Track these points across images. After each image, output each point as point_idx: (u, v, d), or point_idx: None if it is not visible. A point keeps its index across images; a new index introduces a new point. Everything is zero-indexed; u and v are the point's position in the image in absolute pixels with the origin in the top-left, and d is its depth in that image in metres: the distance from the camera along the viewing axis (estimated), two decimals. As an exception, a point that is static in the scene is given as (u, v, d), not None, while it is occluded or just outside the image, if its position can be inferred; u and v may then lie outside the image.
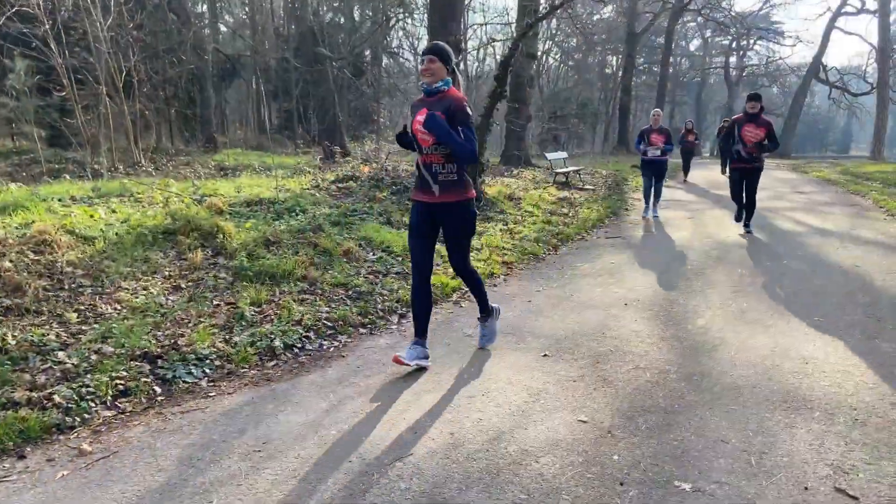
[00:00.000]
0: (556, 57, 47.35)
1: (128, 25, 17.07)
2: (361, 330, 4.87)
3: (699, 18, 51.81)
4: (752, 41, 53.65)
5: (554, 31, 45.22)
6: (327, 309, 5.02)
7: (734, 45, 53.02)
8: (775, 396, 3.67)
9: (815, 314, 5.33)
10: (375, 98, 30.48)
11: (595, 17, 47.99)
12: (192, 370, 3.80)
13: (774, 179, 20.24)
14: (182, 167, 17.54)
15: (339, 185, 10.75)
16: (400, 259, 6.79)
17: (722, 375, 3.99)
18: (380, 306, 5.29)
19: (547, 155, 17.03)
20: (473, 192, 4.04)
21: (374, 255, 6.73)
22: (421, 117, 3.80)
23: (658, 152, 10.90)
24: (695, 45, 61.65)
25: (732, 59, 56.32)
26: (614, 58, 50.95)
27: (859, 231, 9.75)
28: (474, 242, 7.93)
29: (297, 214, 7.72)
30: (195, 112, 24.93)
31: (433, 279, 5.78)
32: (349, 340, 4.67)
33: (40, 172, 14.03)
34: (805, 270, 7.02)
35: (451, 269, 6.31)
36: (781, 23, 64.38)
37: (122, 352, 3.84)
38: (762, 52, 55.26)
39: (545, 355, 4.37)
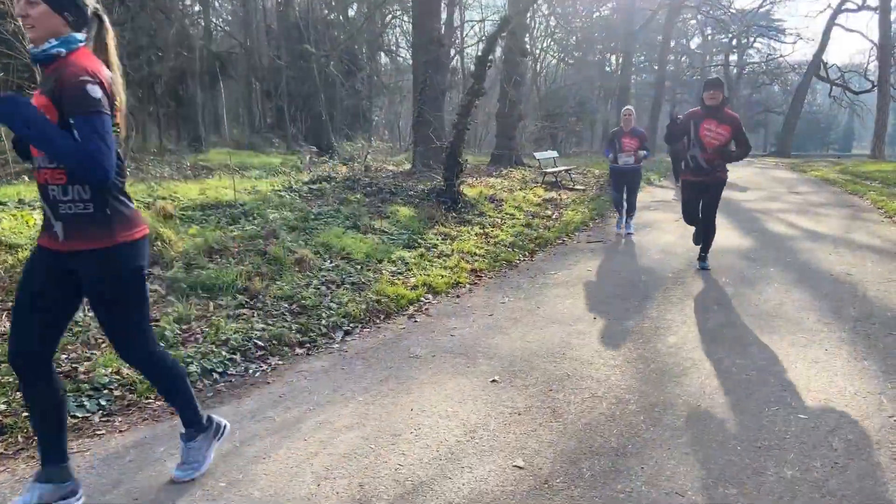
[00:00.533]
0: (556, 55, 46.88)
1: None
2: (298, 350, 4.42)
3: (699, 16, 51.48)
4: (752, 39, 53.19)
5: (553, 29, 44.89)
6: (263, 326, 4.57)
7: (734, 42, 52.49)
8: (745, 434, 3.22)
9: (800, 330, 4.88)
10: (368, 96, 30.05)
11: (595, 15, 47.68)
12: (85, 402, 3.35)
13: (771, 179, 19.79)
14: (160, 167, 17.09)
15: (312, 186, 10.31)
16: (359, 267, 6.35)
17: (687, 407, 3.54)
18: (324, 322, 4.84)
19: (535, 154, 16.57)
20: (136, 231, 2.46)
21: (330, 262, 6.28)
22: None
23: (631, 160, 9.13)
24: (696, 42, 61.19)
25: (733, 58, 55.85)
26: (614, 56, 50.50)
27: (854, 235, 9.29)
28: (443, 247, 7.51)
29: (254, 219, 7.27)
30: (180, 111, 24.48)
31: (391, 289, 5.36)
32: (281, 363, 4.22)
33: (9, 174, 13.57)
34: (793, 279, 6.56)
35: (409, 282, 5.91)
36: (783, 20, 64.02)
37: (8, 380, 3.39)
38: (763, 49, 54.81)
39: (494, 380, 3.92)
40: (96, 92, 2.22)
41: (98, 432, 3.19)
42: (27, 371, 2.39)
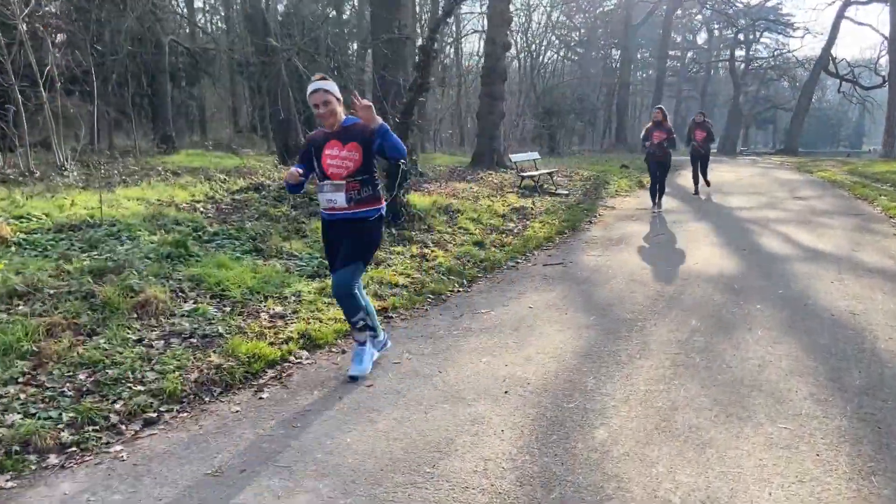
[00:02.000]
0: (556, 51, 45.41)
1: (50, 13, 15.34)
2: (54, 459, 3.08)
3: (705, 11, 49.91)
4: (758, 33, 51.57)
5: (554, 24, 43.43)
6: (18, 419, 3.23)
7: (740, 36, 50.84)
8: None
9: (784, 415, 3.52)
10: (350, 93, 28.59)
11: (598, 11, 46.17)
12: None
13: (773, 181, 18.35)
14: (109, 172, 15.79)
15: (239, 196, 8.97)
16: (228, 310, 5.01)
17: None
18: (120, 405, 3.49)
19: (512, 156, 15.18)
20: None
21: (192, 304, 4.93)
22: None
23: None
24: (703, 38, 59.52)
25: (741, 53, 54.20)
26: (618, 52, 48.93)
27: (862, 253, 7.89)
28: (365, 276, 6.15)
29: (122, 243, 5.94)
30: (148, 110, 23.24)
31: (247, 346, 4.04)
32: (12, 485, 2.87)
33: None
34: (783, 322, 5.18)
35: (286, 331, 4.57)
36: (791, 15, 62.28)
37: None
38: (770, 44, 53.17)
39: (306, 524, 2.57)
40: None
41: None
42: None
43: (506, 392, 3.85)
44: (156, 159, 20.05)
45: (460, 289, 6.40)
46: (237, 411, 3.61)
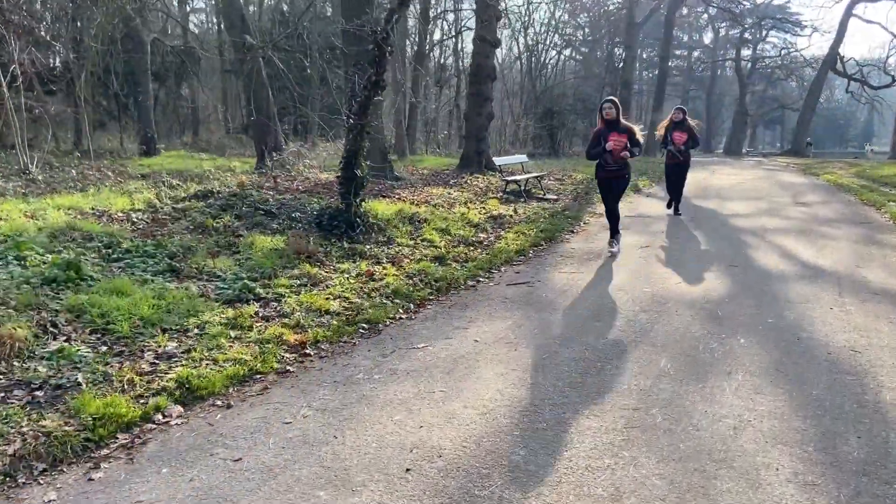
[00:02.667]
0: (558, 49, 44.50)
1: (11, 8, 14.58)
2: None
3: (711, 9, 48.92)
4: (765, 32, 50.57)
5: (557, 22, 42.53)
6: None
7: (746, 35, 49.82)
8: None
9: (756, 511, 2.68)
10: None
11: (602, 10, 45.22)
12: None
13: (776, 185, 17.44)
14: (73, 176, 15.05)
15: (180, 205, 8.18)
16: (105, 349, 4.20)
17: None
18: None
19: (496, 159, 14.34)
20: None
21: (55, 343, 4.12)
22: None
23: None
24: (709, 37, 58.47)
25: (747, 52, 53.16)
26: (622, 51, 47.96)
27: (867, 271, 7.03)
28: (292, 300, 5.38)
29: (6, 265, 5.14)
30: (130, 110, 22.53)
31: (97, 404, 3.23)
32: None
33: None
34: (768, 365, 4.34)
35: (164, 378, 3.75)
36: (799, 14, 61.16)
37: None
38: (777, 43, 52.14)
39: None
40: None
41: None
42: None
43: (407, 470, 3.03)
44: (133, 161, 19.36)
45: (403, 315, 5.58)
46: (51, 501, 2.80)
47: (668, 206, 11.75)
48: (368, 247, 7.50)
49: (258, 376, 4.14)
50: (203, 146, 27.49)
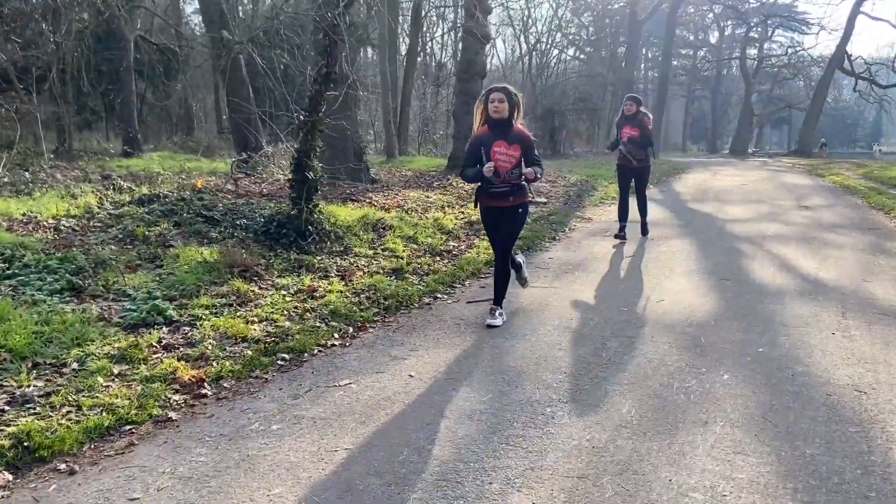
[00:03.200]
0: (563, 50, 43.72)
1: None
2: None
3: (716, 8, 48.03)
4: (770, 31, 49.67)
5: (561, 21, 41.73)
6: None
7: (752, 33, 48.91)
8: None
9: None
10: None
11: (607, 7, 44.38)
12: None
13: (779, 187, 16.63)
14: (40, 178, 14.36)
15: (120, 210, 7.46)
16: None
17: None
18: None
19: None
20: None
21: None
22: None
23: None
24: (716, 36, 57.51)
25: (753, 51, 52.24)
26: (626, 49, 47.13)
27: (875, 285, 6.25)
28: (208, 324, 4.65)
29: None
30: (116, 110, 21.89)
31: None
32: None
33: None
34: (754, 410, 3.58)
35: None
36: (806, 12, 60.13)
37: None
38: (784, 42, 51.23)
39: None
40: None
41: None
42: None
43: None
44: (111, 162, 18.66)
45: (337, 341, 4.83)
46: None
47: (619, 232, 8.68)
48: (319, 258, 6.75)
49: (128, 428, 3.39)
50: (193, 147, 26.79)
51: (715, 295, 6.01)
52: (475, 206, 5.39)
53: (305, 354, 4.53)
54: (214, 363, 4.18)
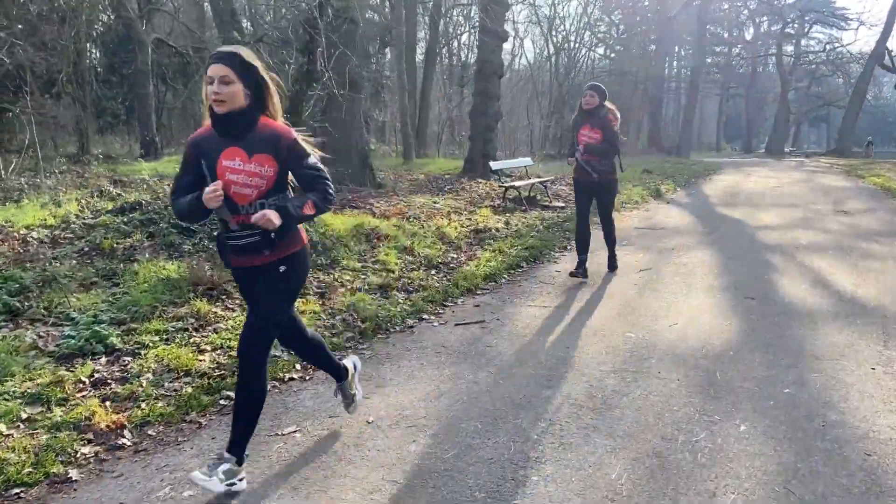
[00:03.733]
0: (591, 49, 42.81)
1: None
2: None
3: (750, 4, 46.70)
4: (807, 26, 48.13)
5: (590, 18, 40.85)
6: None
7: (788, 29, 47.42)
8: None
9: None
10: (371, 94, 26.63)
11: (637, 5, 43.35)
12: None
13: (815, 189, 15.70)
14: (48, 185, 14.08)
15: (97, 219, 7.00)
16: None
17: None
18: None
19: (492, 164, 12.92)
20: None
21: None
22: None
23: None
24: (750, 33, 55.95)
25: (789, 48, 50.66)
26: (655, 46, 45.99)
27: (923, 308, 5.48)
28: (152, 355, 4.12)
29: None
30: (128, 113, 21.69)
31: None
32: None
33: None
34: (773, 476, 2.91)
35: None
36: (845, 8, 58.17)
37: None
38: (822, 38, 49.61)
39: None
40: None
41: None
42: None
43: None
44: (124, 167, 18.41)
45: (297, 374, 4.25)
46: None
47: (577, 269, 6.61)
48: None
49: (16, 492, 2.84)
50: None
51: (737, 317, 5.30)
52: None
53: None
54: (144, 404, 3.63)
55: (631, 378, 4.07)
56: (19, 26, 16.96)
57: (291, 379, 4.17)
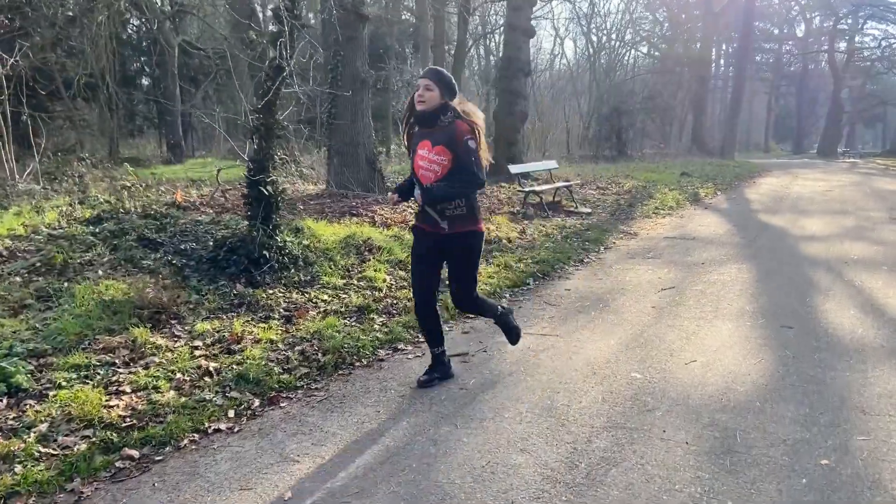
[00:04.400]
0: (632, 47, 41.55)
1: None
2: None
3: (803, -1, 44.86)
4: (862, 22, 46.01)
5: (632, 15, 39.67)
6: None
7: (841, 24, 45.38)
8: None
9: None
10: (398, 92, 26.07)
11: (683, 2, 41.95)
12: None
13: (868, 195, 14.49)
14: (65, 188, 13.76)
15: (55, 232, 6.45)
16: None
17: None
18: None
19: (511, 167, 12.11)
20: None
21: None
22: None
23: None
24: (802, 29, 53.82)
25: (842, 44, 48.48)
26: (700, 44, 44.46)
27: None
28: (60, 397, 3.43)
29: None
30: (159, 116, 21.51)
31: None
32: None
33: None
34: None
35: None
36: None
37: None
38: (877, 34, 47.39)
39: None
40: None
41: None
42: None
43: None
44: (146, 170, 18.13)
45: (227, 423, 3.56)
46: None
47: (428, 373, 4.11)
48: (271, 292, 5.52)
49: None
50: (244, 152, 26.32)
51: (769, 353, 4.44)
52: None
53: (168, 447, 3.27)
54: (18, 468, 2.96)
55: (627, 438, 3.27)
56: (40, 30, 16.78)
57: (217, 430, 3.48)
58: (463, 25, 20.52)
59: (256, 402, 3.79)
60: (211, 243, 6.06)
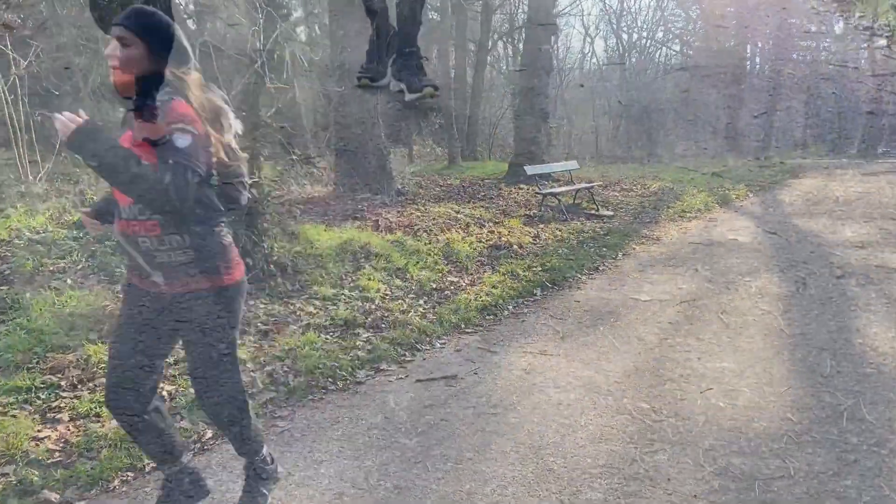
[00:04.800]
0: (664, 45, 40.66)
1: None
2: None
3: (840, -8, 43.41)
4: (902, 16, 44.44)
5: (663, 14, 38.81)
6: None
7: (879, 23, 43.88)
8: None
9: None
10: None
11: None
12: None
13: (911, 197, 13.64)
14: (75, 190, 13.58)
15: (37, 236, 6.13)
16: None
17: None
18: None
19: (527, 168, 11.58)
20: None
21: None
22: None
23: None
24: (840, 26, 52.27)
25: (882, 41, 46.94)
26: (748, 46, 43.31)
27: None
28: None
29: None
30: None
31: None
32: None
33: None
34: None
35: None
36: (947, -7, 53.62)
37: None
38: (920, 28, 45.72)
39: None
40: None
41: None
42: None
43: None
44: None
45: (131, 474, 3.11)
46: None
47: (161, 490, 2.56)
48: (252, 303, 5.10)
49: None
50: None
51: (796, 383, 3.89)
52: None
53: (95, 489, 2.88)
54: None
55: (623, 489, 2.77)
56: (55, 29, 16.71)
57: (156, 468, 3.04)
58: (486, 22, 20.01)
59: (209, 434, 3.37)
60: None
